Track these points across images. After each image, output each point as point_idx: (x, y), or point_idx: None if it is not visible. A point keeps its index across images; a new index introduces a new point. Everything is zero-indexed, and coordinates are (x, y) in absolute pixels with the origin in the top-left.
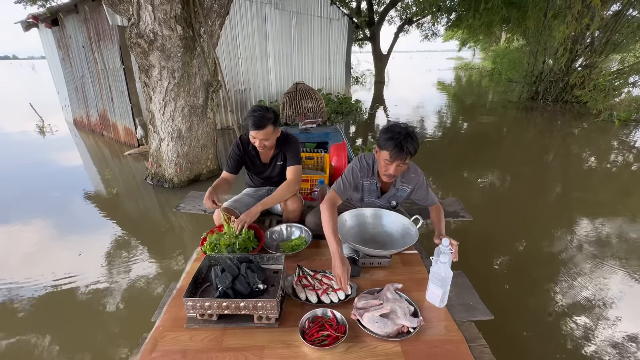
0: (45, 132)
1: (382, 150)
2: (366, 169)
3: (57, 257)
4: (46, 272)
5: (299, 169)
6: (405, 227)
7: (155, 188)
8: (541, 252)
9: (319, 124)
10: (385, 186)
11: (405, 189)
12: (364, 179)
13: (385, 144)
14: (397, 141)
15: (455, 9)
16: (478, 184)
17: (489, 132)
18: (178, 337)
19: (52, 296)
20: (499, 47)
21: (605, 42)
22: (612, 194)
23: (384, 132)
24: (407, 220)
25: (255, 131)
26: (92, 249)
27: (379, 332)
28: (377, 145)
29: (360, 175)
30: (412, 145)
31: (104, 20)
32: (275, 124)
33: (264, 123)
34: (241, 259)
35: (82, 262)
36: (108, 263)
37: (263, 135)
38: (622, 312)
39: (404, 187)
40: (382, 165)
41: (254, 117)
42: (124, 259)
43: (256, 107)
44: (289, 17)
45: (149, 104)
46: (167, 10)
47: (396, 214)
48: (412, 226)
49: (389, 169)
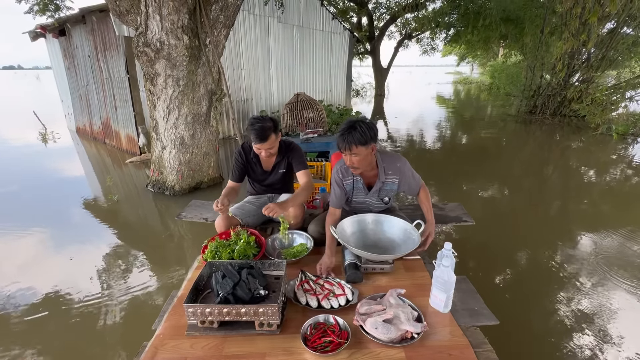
0: (48, 139)
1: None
2: (344, 169)
3: (56, 265)
4: (44, 280)
5: (308, 172)
6: (407, 232)
7: (156, 195)
8: (542, 259)
9: (320, 133)
10: (370, 181)
11: (393, 180)
12: (346, 179)
13: (337, 139)
14: (341, 132)
15: (454, 25)
16: (478, 194)
17: (489, 144)
18: (179, 345)
19: (50, 305)
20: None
21: (602, 58)
22: (611, 206)
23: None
24: (409, 225)
25: (260, 144)
26: (91, 257)
27: (382, 338)
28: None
29: (341, 177)
30: (352, 136)
31: (110, 31)
32: (275, 131)
33: (267, 134)
34: (242, 265)
35: (81, 270)
36: (107, 271)
37: (268, 146)
38: (625, 324)
39: (391, 179)
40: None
41: (255, 131)
42: (123, 267)
43: (254, 119)
44: (292, 30)
45: (152, 111)
46: (174, 21)
47: (397, 219)
48: (414, 231)
49: (346, 161)
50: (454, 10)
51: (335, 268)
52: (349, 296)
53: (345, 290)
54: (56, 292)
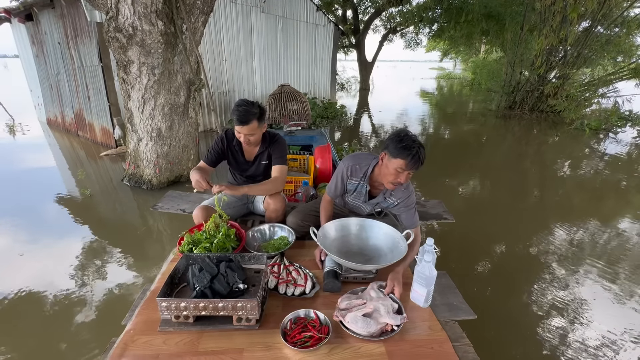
0: (16, 131)
1: (396, 159)
2: (356, 169)
3: (23, 262)
4: (10, 277)
5: (284, 169)
6: (395, 242)
7: (132, 189)
8: (520, 253)
9: (304, 127)
10: (374, 191)
11: (392, 201)
12: (352, 179)
13: (401, 152)
14: (414, 151)
15: (437, 20)
16: (459, 189)
17: (470, 139)
18: (150, 341)
19: (16, 302)
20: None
21: (577, 56)
22: (584, 198)
23: (397, 140)
24: (399, 234)
25: (240, 126)
26: (62, 253)
27: (362, 333)
28: (387, 153)
29: (348, 174)
30: (424, 156)
31: (81, 16)
32: (260, 119)
33: (249, 118)
34: (221, 258)
35: (51, 266)
36: (78, 266)
37: (248, 131)
38: (598, 312)
39: (391, 198)
40: (392, 173)
41: (238, 112)
42: (95, 263)
43: (241, 101)
44: (275, 21)
45: (127, 101)
46: (147, 4)
47: (387, 227)
48: (403, 241)
49: (400, 178)
50: (438, 6)
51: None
52: (306, 289)
53: (306, 284)
54: (20, 289)
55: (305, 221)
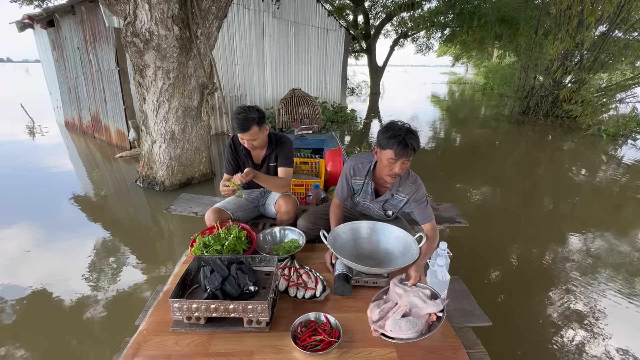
0: (35, 133)
1: (385, 150)
2: (358, 168)
3: (40, 260)
4: (27, 276)
5: (289, 171)
6: (407, 245)
7: (145, 191)
8: (535, 260)
9: (315, 130)
10: (380, 189)
11: (402, 198)
12: (356, 179)
13: (388, 142)
14: (400, 138)
15: (449, 25)
16: (472, 194)
17: (482, 144)
18: (163, 342)
19: (33, 301)
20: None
21: (594, 60)
22: (602, 206)
23: (384, 131)
24: (410, 237)
25: (241, 133)
26: (77, 252)
27: (412, 336)
28: (378, 146)
29: (352, 174)
30: (415, 141)
31: (100, 22)
32: (260, 123)
33: (248, 124)
34: (232, 260)
35: (65, 265)
36: (92, 266)
37: (250, 137)
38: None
39: (400, 196)
40: (386, 165)
41: (237, 120)
42: (109, 262)
43: (239, 108)
44: (287, 26)
45: (142, 104)
46: (164, 10)
47: (398, 230)
48: (415, 245)
49: (394, 168)
50: (450, 10)
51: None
52: (317, 292)
53: (316, 287)
54: (37, 288)
55: (316, 224)
